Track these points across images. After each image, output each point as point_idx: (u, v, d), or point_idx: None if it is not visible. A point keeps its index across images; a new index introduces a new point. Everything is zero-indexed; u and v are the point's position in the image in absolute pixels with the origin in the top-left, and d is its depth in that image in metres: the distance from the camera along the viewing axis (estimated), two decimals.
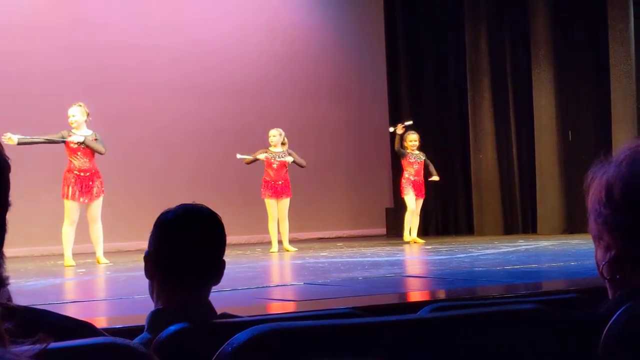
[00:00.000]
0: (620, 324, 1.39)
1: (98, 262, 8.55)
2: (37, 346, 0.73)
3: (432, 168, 10.94)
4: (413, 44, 13.08)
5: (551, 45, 11.59)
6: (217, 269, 2.17)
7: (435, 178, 10.97)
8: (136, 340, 2.03)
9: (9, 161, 1.04)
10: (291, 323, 1.33)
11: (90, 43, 11.07)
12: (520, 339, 1.43)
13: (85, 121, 8.62)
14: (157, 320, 2.04)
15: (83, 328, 1.13)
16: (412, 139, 10.78)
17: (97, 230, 8.60)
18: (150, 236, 2.16)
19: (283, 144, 10.04)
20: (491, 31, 12.17)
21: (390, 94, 13.15)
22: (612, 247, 1.54)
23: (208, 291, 2.16)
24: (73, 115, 8.58)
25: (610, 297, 1.60)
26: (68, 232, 8.52)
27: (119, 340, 1.10)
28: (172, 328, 1.80)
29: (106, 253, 8.77)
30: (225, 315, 2.13)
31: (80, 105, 8.67)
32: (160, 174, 11.42)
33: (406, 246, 10.07)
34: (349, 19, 13.02)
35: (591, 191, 1.57)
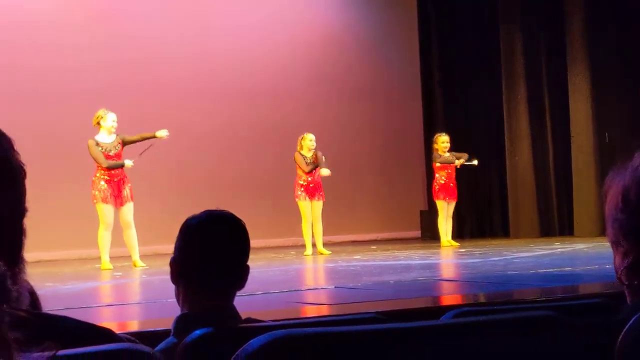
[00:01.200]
0: (635, 330, 1.39)
1: (135, 266, 8.65)
2: (45, 354, 0.76)
3: (462, 159, 10.87)
4: (447, 46, 13.04)
5: (587, 48, 11.49)
6: (241, 275, 2.19)
7: (474, 162, 10.92)
8: (162, 345, 2.06)
9: (25, 167, 1.07)
10: (307, 329, 1.35)
11: (122, 44, 11.18)
12: (535, 346, 1.44)
13: None
14: (182, 324, 2.08)
15: (100, 334, 1.15)
16: (444, 141, 10.73)
17: (131, 235, 8.69)
18: (176, 242, 2.20)
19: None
20: (526, 34, 12.09)
21: (424, 95, 13.12)
22: (629, 253, 1.54)
23: (232, 296, 2.19)
24: (116, 122, 8.78)
25: (628, 302, 1.60)
26: (104, 236, 8.62)
27: (135, 346, 1.12)
28: (197, 333, 1.83)
29: (142, 256, 8.86)
30: (249, 320, 2.16)
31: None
32: (195, 177, 11.50)
33: (439, 249, 10.04)
34: (382, 20, 13.01)
35: (608, 197, 1.58)
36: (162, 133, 9.07)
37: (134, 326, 3.79)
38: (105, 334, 1.16)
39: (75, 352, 0.97)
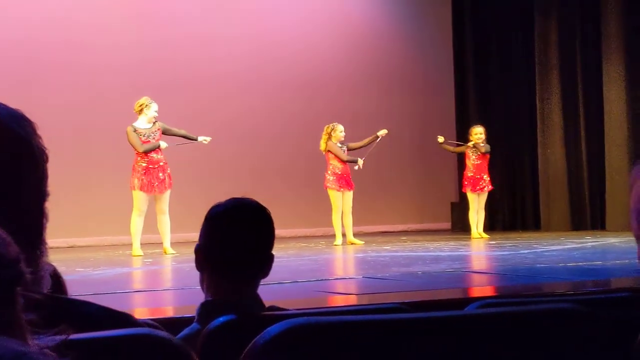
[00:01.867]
0: None
1: (165, 253, 8.70)
2: (58, 337, 0.77)
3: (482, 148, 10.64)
4: (481, 37, 12.95)
5: (622, 39, 11.36)
6: (265, 263, 2.20)
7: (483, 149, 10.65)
8: (185, 331, 2.08)
9: (47, 151, 1.08)
10: (324, 318, 1.35)
11: (158, 36, 11.25)
12: (557, 339, 1.43)
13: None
14: (206, 311, 2.09)
15: (120, 319, 1.16)
16: (478, 132, 10.65)
17: (164, 222, 8.75)
18: (201, 229, 2.21)
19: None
20: (561, 24, 11.98)
21: (457, 86, 13.05)
22: None
23: (256, 284, 2.20)
24: (157, 112, 8.85)
25: None
26: (137, 223, 8.69)
27: (154, 331, 1.13)
28: (220, 319, 1.84)
29: (176, 243, 8.91)
30: (273, 308, 2.17)
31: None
32: (228, 166, 11.55)
33: (470, 241, 10.00)
34: (416, 10, 12.96)
35: (633, 191, 1.56)
36: (204, 139, 9.12)
37: (160, 312, 3.82)
38: (124, 319, 1.17)
39: (90, 336, 0.98)
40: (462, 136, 11.56)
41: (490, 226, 11.73)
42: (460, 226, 12.07)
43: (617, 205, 11.41)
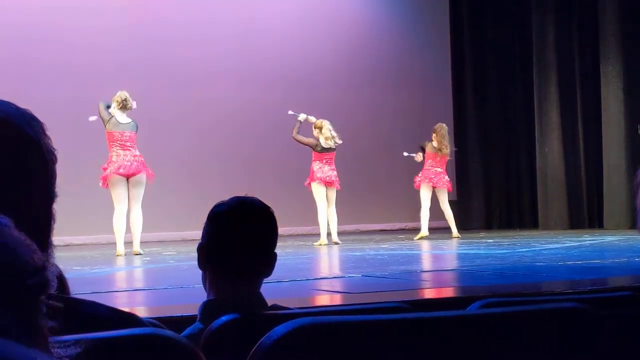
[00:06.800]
0: None
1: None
2: (72, 336, 0.76)
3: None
4: (479, 35, 12.96)
5: (620, 38, 11.38)
6: (268, 262, 2.19)
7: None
8: (188, 330, 2.08)
9: (56, 152, 1.08)
10: (330, 317, 1.35)
11: (153, 34, 11.24)
12: (562, 338, 1.43)
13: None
14: (208, 310, 2.09)
15: (127, 319, 1.16)
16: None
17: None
18: (204, 228, 2.21)
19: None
20: (559, 23, 11.99)
21: (454, 84, 13.05)
22: None
23: (259, 283, 2.20)
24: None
25: None
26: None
27: (161, 331, 1.13)
28: (223, 319, 1.84)
29: (170, 242, 8.88)
30: (275, 307, 2.16)
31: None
32: (220, 164, 11.53)
33: (467, 239, 10.00)
34: (414, 7, 12.96)
35: None
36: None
37: (160, 311, 3.81)
38: (131, 319, 1.17)
39: (100, 336, 0.98)
40: (459, 134, 11.55)
41: (487, 224, 11.75)
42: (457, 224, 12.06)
43: (614, 203, 11.42)
